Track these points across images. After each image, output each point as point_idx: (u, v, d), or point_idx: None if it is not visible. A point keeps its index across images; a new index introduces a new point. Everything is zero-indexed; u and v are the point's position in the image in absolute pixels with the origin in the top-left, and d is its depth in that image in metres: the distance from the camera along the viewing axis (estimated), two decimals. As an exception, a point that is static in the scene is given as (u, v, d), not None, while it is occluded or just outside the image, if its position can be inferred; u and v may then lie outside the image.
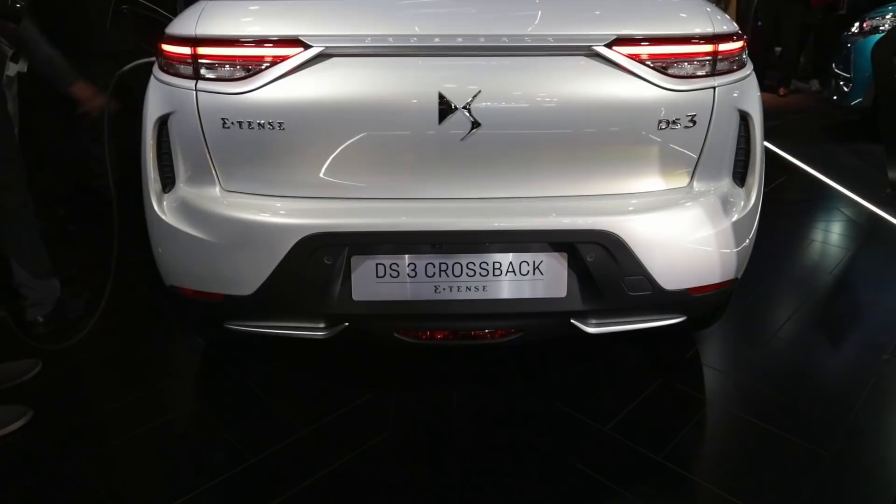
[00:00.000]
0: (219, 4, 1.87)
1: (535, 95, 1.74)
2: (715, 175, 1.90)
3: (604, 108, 1.76)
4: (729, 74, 1.84)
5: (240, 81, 1.73)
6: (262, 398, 2.23)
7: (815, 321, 2.74)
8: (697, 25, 1.80)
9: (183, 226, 1.83)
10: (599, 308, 1.86)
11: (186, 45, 1.76)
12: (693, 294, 1.91)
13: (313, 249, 1.74)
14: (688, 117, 1.80)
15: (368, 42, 1.71)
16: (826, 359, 2.52)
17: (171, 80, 1.80)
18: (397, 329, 1.90)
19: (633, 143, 1.81)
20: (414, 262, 1.79)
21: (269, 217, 1.76)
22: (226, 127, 1.76)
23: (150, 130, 1.85)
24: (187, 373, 2.43)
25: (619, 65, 1.73)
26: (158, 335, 2.64)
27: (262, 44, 1.71)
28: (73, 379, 2.36)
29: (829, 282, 3.11)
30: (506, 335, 1.92)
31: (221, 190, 1.83)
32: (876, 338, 2.58)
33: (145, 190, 1.88)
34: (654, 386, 2.27)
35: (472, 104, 1.70)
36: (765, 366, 2.42)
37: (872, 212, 3.90)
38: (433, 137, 1.73)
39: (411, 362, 2.38)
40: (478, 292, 1.82)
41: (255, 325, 1.96)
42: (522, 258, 1.80)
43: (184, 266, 1.90)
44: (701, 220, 1.85)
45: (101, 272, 2.64)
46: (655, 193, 1.85)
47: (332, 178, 1.79)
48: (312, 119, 1.74)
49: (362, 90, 1.72)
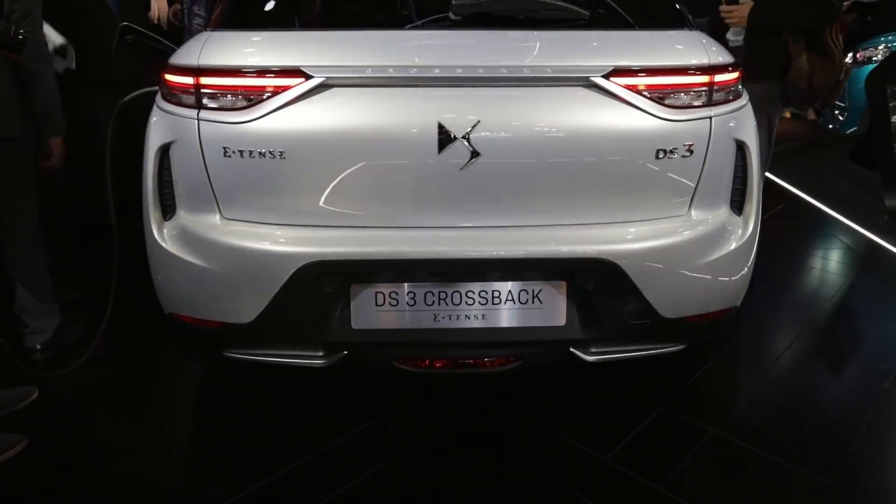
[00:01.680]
0: (222, 35, 1.90)
1: (534, 125, 1.76)
2: (713, 204, 1.91)
3: (602, 137, 1.78)
4: (725, 105, 1.87)
5: (242, 111, 1.75)
6: (261, 426, 2.22)
7: (815, 348, 2.73)
8: (693, 57, 1.83)
9: (183, 253, 1.83)
10: (598, 336, 1.86)
11: (189, 75, 1.78)
12: (692, 322, 1.91)
13: (313, 278, 1.74)
14: (685, 147, 1.82)
15: (369, 72, 1.73)
16: (827, 386, 2.51)
17: (173, 110, 1.82)
18: (396, 358, 1.89)
19: (631, 172, 1.82)
20: (413, 291, 1.80)
21: (269, 245, 1.77)
22: (227, 156, 1.77)
23: (152, 158, 1.86)
24: (185, 400, 2.42)
25: (617, 95, 1.75)
26: (157, 362, 2.62)
27: (264, 74, 1.74)
28: (70, 406, 2.35)
29: (828, 309, 3.10)
30: (505, 364, 1.91)
31: (222, 218, 1.84)
32: (877, 365, 2.57)
33: (146, 217, 1.89)
34: (655, 414, 2.26)
35: (471, 134, 1.72)
36: (766, 393, 2.41)
37: (870, 239, 3.91)
38: (433, 167, 1.75)
39: (410, 390, 2.37)
40: (477, 321, 1.82)
41: (253, 354, 1.95)
42: (521, 287, 1.80)
43: (183, 294, 1.90)
44: (699, 249, 1.86)
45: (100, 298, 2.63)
46: (654, 222, 1.86)
47: (332, 206, 1.80)
48: (313, 148, 1.75)
49: (363, 120, 1.74)
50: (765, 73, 2.73)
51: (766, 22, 2.67)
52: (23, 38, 2.05)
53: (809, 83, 2.75)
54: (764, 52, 2.71)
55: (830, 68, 2.80)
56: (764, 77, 2.73)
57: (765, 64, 2.72)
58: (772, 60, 2.73)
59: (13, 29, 2.02)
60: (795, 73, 2.73)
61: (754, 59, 2.68)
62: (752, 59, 2.68)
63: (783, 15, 2.66)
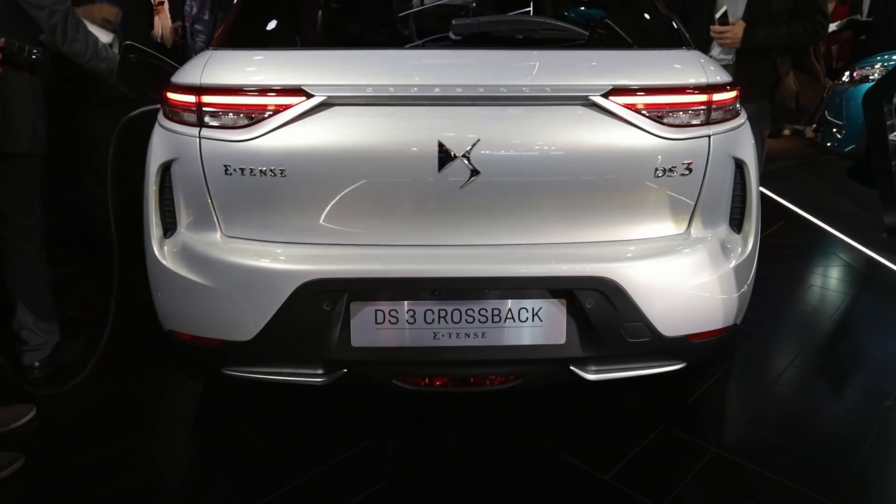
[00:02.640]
0: (224, 54, 1.92)
1: (534, 144, 1.77)
2: (712, 222, 1.91)
3: (601, 156, 1.79)
4: (723, 123, 1.88)
5: (243, 129, 1.76)
6: (260, 445, 2.20)
7: (816, 367, 2.72)
8: (692, 76, 1.84)
9: (183, 271, 1.84)
10: (599, 355, 1.86)
11: (191, 94, 1.80)
12: (693, 340, 1.91)
13: (313, 295, 1.74)
14: (684, 165, 1.82)
15: (370, 91, 1.74)
16: (829, 405, 2.50)
17: (175, 128, 1.84)
18: (396, 376, 1.89)
19: (631, 190, 1.83)
20: (413, 309, 1.79)
21: (270, 263, 1.77)
22: (228, 173, 1.78)
23: (154, 176, 1.87)
24: (184, 419, 2.41)
25: (616, 114, 1.76)
26: (155, 380, 2.61)
27: (266, 93, 1.75)
28: (68, 424, 2.33)
29: (829, 327, 3.10)
30: (505, 382, 1.91)
31: (222, 235, 1.84)
32: (878, 383, 2.56)
33: (147, 234, 1.90)
34: (655, 433, 2.25)
35: (471, 152, 1.73)
36: (767, 412, 2.40)
37: (869, 256, 3.92)
38: (433, 185, 1.75)
39: (410, 408, 2.36)
40: (477, 339, 1.81)
41: (253, 371, 1.94)
42: (521, 305, 1.80)
43: (183, 311, 1.90)
44: (699, 267, 1.86)
45: (99, 315, 2.63)
46: (653, 240, 1.87)
47: (332, 224, 1.80)
48: (314, 166, 1.76)
49: (363, 138, 1.75)
50: (757, 92, 2.79)
51: (759, 43, 2.72)
52: (37, 58, 2.07)
53: (797, 102, 2.84)
54: (756, 72, 2.77)
55: (817, 87, 2.90)
56: (756, 96, 2.79)
57: (757, 84, 2.78)
58: (763, 80, 2.79)
59: (27, 49, 2.04)
60: (785, 91, 2.80)
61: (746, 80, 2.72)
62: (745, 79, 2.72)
63: (775, 36, 2.71)
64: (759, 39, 2.70)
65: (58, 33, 2.36)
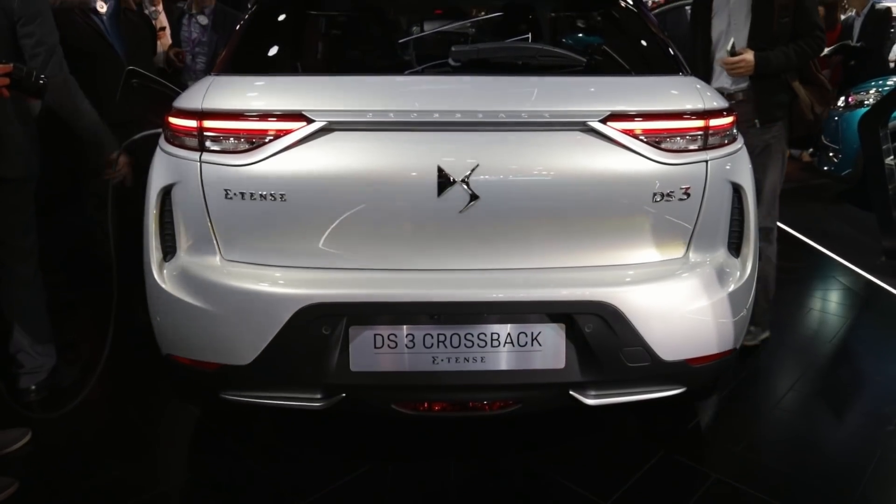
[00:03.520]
0: (225, 80, 1.94)
1: (532, 169, 1.78)
2: (710, 246, 1.92)
3: (599, 181, 1.80)
4: (720, 148, 1.89)
5: (244, 154, 1.77)
6: (257, 470, 2.18)
7: (817, 391, 2.71)
8: (689, 102, 1.86)
9: (182, 294, 1.83)
10: (598, 379, 1.85)
11: (193, 119, 1.81)
12: (692, 365, 1.90)
13: (312, 319, 1.74)
14: (682, 190, 1.84)
15: (370, 117, 1.76)
16: (830, 430, 2.48)
17: (176, 152, 1.85)
18: (395, 400, 1.88)
19: (629, 215, 1.84)
20: (412, 333, 1.79)
21: (269, 287, 1.77)
22: (228, 198, 1.79)
23: (154, 200, 1.88)
24: (181, 444, 2.38)
25: (614, 139, 1.78)
26: (153, 405, 2.59)
27: (267, 118, 1.76)
28: (63, 449, 2.31)
29: (829, 351, 3.09)
30: (504, 407, 1.89)
31: (222, 259, 1.85)
32: (879, 408, 2.55)
33: (146, 258, 1.90)
34: (656, 459, 2.23)
35: (470, 177, 1.74)
36: (768, 437, 2.39)
37: (868, 280, 3.92)
38: (432, 210, 1.76)
39: (408, 433, 2.34)
40: (476, 363, 1.80)
41: (251, 396, 1.93)
42: (521, 329, 1.80)
43: (181, 334, 1.89)
44: (698, 291, 1.86)
45: (97, 339, 2.62)
46: (652, 264, 1.87)
47: (331, 248, 1.81)
48: (314, 191, 1.77)
49: (363, 163, 1.76)
50: (777, 113, 2.83)
51: (772, 68, 2.73)
52: (44, 83, 2.08)
53: (813, 113, 2.87)
54: (773, 94, 2.80)
55: (827, 95, 2.94)
56: (777, 117, 2.83)
57: (776, 106, 2.81)
58: (781, 100, 2.82)
59: (35, 74, 2.06)
60: (802, 104, 2.83)
61: (767, 103, 2.80)
62: (764, 103, 2.80)
63: (785, 58, 2.73)
64: (772, 64, 2.72)
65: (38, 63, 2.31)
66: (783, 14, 2.74)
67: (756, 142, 2.81)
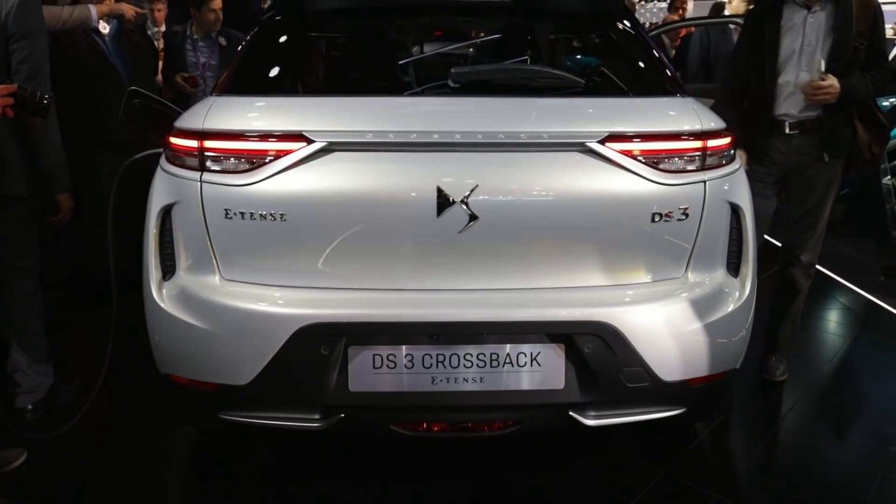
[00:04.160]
0: (226, 100, 1.95)
1: (531, 189, 1.79)
2: (709, 266, 1.92)
3: (598, 201, 1.80)
4: (718, 169, 1.90)
5: (244, 174, 1.78)
6: (255, 491, 2.17)
7: (818, 411, 2.70)
8: (686, 123, 1.87)
9: (181, 314, 1.83)
10: (598, 400, 1.84)
11: (194, 139, 1.82)
12: (692, 385, 1.90)
13: (311, 339, 1.73)
14: (680, 210, 1.84)
15: (369, 137, 1.77)
16: (832, 451, 2.46)
17: (177, 172, 1.86)
18: (393, 421, 1.87)
19: (628, 235, 1.84)
20: (411, 353, 1.79)
21: (268, 306, 1.77)
22: (228, 217, 1.79)
23: (154, 219, 1.88)
24: (178, 464, 2.37)
25: (612, 160, 1.79)
26: (150, 425, 2.57)
27: (267, 138, 1.78)
28: (59, 469, 2.29)
29: (829, 371, 3.08)
30: (503, 428, 1.88)
31: (221, 279, 1.85)
32: (881, 429, 2.53)
33: (145, 277, 1.90)
34: (656, 480, 2.21)
35: (469, 198, 1.74)
36: (769, 458, 2.37)
37: (867, 299, 3.92)
38: (431, 230, 1.76)
39: (408, 453, 2.32)
40: (475, 384, 1.80)
41: (249, 416, 1.92)
42: (520, 349, 1.79)
43: (180, 354, 1.89)
44: (697, 311, 1.86)
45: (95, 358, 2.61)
46: (651, 284, 1.87)
47: (331, 268, 1.81)
48: (313, 211, 1.78)
49: (363, 183, 1.77)
50: (843, 148, 2.65)
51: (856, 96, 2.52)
52: (47, 103, 2.09)
53: (871, 152, 2.68)
54: (841, 127, 2.61)
55: (885, 135, 2.72)
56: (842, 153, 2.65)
57: (842, 140, 2.63)
58: (846, 135, 2.63)
59: (39, 94, 2.07)
60: (861, 143, 2.64)
61: (834, 137, 2.61)
62: (833, 136, 2.60)
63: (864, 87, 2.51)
64: (857, 93, 2.49)
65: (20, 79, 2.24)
66: (859, 40, 2.51)
67: (817, 179, 2.67)
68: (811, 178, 2.69)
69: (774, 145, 2.68)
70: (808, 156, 2.65)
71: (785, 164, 2.69)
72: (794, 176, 2.72)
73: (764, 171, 2.71)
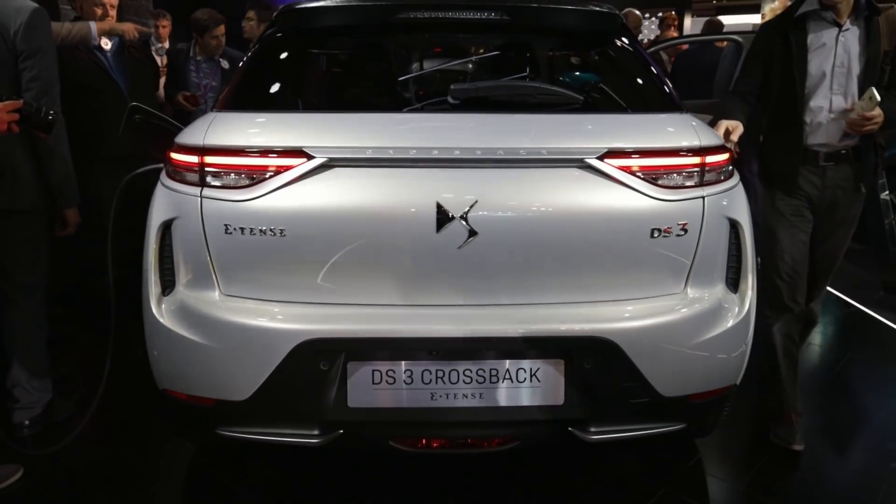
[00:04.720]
0: (227, 116, 1.96)
1: (531, 205, 1.79)
2: (708, 281, 1.92)
3: (597, 217, 1.81)
4: (717, 185, 1.91)
5: (244, 189, 1.78)
6: (252, 508, 2.15)
7: (818, 427, 2.68)
8: (685, 139, 1.88)
9: (180, 329, 1.83)
10: (597, 416, 1.84)
11: (194, 154, 1.83)
12: (692, 401, 1.89)
13: (310, 355, 1.73)
14: (679, 226, 1.85)
15: (369, 153, 1.78)
16: (833, 467, 2.45)
17: (177, 187, 1.86)
18: (393, 437, 1.86)
19: (627, 250, 1.84)
20: (410, 369, 1.78)
21: (267, 322, 1.77)
22: (228, 233, 1.80)
23: (154, 234, 1.89)
24: (176, 480, 2.35)
25: (611, 176, 1.79)
26: (148, 441, 2.56)
27: (267, 154, 1.78)
28: (56, 486, 2.28)
29: (829, 386, 3.07)
30: (503, 443, 1.88)
31: (221, 294, 1.85)
32: (882, 444, 2.52)
33: (145, 292, 1.90)
34: (656, 497, 2.20)
35: (468, 213, 1.75)
36: (770, 474, 2.35)
37: (867, 314, 3.92)
38: (431, 245, 1.77)
39: (407, 470, 2.31)
40: (474, 400, 1.79)
41: (247, 432, 1.91)
42: (520, 365, 1.79)
43: (178, 369, 1.88)
44: (697, 326, 1.86)
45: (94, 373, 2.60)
46: (650, 300, 1.87)
47: (330, 284, 1.81)
48: (313, 226, 1.78)
49: (363, 199, 1.77)
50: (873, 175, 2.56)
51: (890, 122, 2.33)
52: (53, 119, 2.11)
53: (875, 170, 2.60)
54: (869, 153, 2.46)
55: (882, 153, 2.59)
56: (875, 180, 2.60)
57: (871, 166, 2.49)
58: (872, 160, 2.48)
59: (44, 110, 2.09)
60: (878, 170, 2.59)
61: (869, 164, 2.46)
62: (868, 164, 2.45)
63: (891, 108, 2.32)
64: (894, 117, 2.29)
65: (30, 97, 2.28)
66: (886, 59, 2.32)
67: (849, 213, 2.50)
68: (845, 211, 2.49)
69: (806, 177, 2.44)
70: (843, 189, 2.45)
71: (819, 198, 2.47)
72: (825, 210, 2.50)
73: (797, 204, 2.48)
